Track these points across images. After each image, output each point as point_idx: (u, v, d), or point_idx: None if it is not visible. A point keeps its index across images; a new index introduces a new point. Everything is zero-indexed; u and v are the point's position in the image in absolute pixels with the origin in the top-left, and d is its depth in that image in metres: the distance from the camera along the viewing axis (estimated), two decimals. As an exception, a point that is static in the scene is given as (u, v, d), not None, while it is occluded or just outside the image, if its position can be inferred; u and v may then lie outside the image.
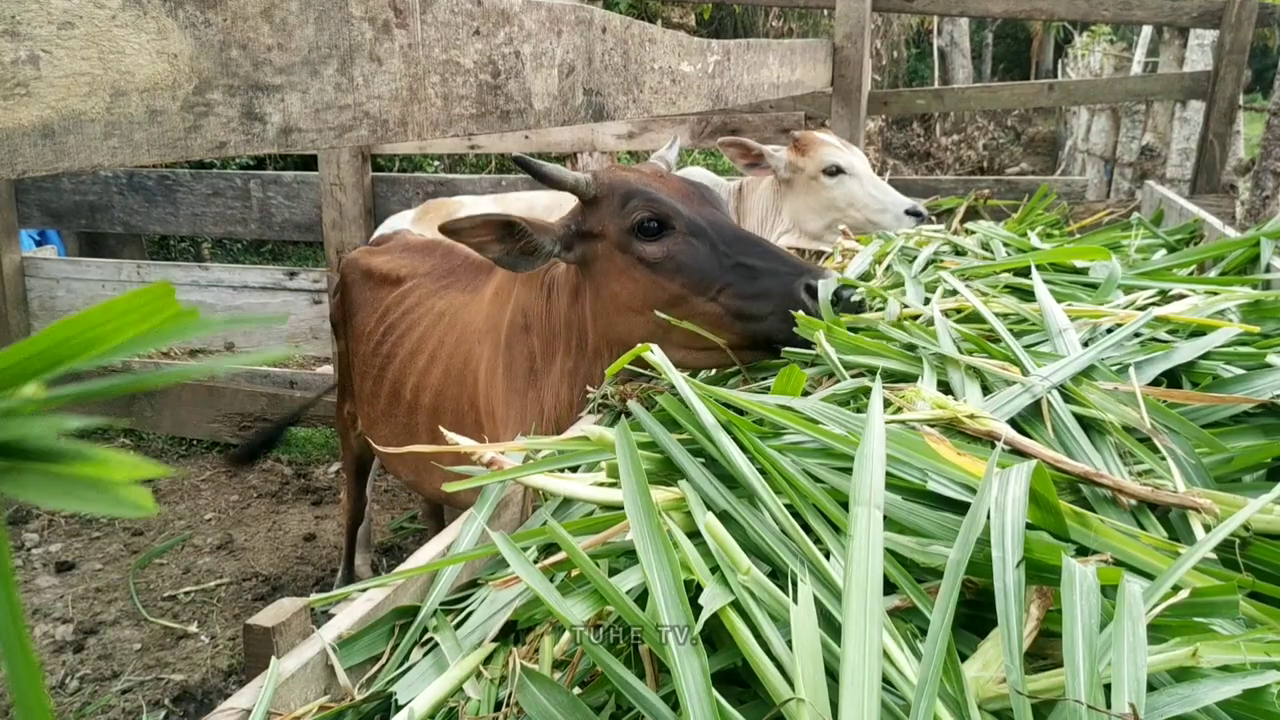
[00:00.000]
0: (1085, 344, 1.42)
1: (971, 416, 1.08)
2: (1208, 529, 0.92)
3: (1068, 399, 1.19)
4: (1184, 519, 0.95)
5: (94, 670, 3.19)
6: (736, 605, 0.82)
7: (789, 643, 0.77)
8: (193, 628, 3.43)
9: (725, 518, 0.95)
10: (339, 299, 3.11)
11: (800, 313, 1.54)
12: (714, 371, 1.71)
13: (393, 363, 2.66)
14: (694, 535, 0.93)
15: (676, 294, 1.66)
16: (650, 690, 0.80)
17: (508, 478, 1.09)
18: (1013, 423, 1.14)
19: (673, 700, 0.78)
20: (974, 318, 1.62)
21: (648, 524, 0.89)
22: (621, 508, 1.05)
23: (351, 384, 3.01)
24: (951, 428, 1.09)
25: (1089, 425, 1.14)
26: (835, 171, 3.14)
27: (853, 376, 1.34)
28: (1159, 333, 1.45)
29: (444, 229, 1.68)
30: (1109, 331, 1.51)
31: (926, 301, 1.72)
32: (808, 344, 1.49)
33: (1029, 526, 0.84)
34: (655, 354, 1.29)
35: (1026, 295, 1.76)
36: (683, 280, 1.67)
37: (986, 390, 1.25)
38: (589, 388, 1.66)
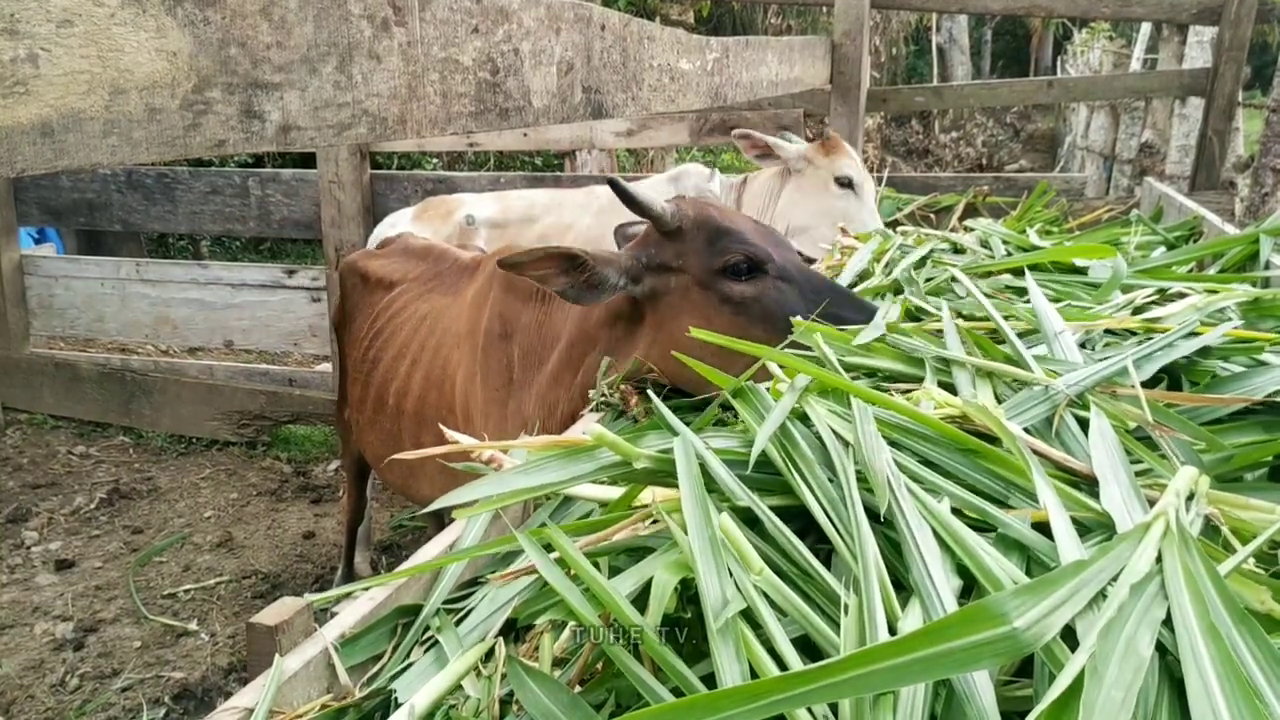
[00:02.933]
0: (1082, 345, 1.42)
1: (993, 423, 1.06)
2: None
3: (1071, 402, 1.18)
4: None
5: (94, 668, 3.18)
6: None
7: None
8: (192, 625, 3.43)
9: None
10: (339, 304, 3.09)
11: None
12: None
13: (378, 368, 2.63)
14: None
15: (759, 339, 1.52)
16: (669, 693, 0.80)
17: (513, 501, 1.06)
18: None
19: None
20: (974, 317, 1.61)
21: (707, 536, 0.90)
22: (621, 507, 1.05)
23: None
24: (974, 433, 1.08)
25: (1085, 425, 1.14)
26: (847, 184, 3.20)
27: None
28: (1155, 335, 1.44)
29: (503, 264, 1.60)
30: (1106, 333, 1.51)
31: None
32: None
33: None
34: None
35: (1025, 293, 1.75)
36: (768, 327, 1.57)
37: (998, 396, 1.24)
38: (592, 388, 1.64)
